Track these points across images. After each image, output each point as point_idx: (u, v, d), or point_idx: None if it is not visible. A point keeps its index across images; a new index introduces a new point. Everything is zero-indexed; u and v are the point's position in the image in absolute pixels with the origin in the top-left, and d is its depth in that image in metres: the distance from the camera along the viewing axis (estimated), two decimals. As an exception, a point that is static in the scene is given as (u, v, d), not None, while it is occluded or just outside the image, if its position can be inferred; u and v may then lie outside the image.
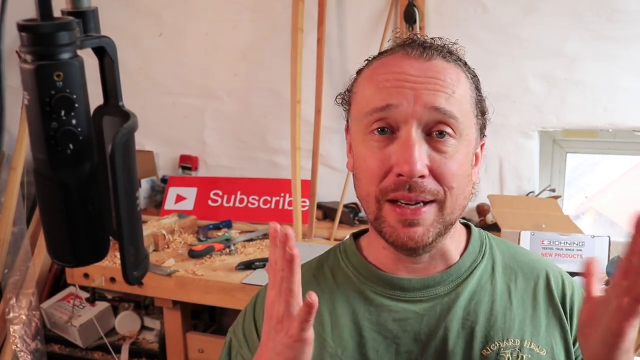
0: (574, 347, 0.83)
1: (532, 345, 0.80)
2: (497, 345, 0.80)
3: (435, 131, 0.75)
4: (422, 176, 0.73)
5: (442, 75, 0.76)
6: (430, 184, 0.74)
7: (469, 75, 0.80)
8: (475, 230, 0.90)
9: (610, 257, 1.52)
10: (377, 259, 0.86)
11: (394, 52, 0.80)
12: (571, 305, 0.84)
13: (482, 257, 0.86)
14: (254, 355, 0.77)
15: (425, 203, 0.75)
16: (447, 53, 0.79)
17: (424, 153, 0.74)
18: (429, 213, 0.75)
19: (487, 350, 0.79)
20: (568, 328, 0.82)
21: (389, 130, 0.76)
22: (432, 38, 0.81)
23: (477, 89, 0.81)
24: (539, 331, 0.81)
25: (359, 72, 0.84)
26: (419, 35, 0.83)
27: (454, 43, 0.82)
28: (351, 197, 2.18)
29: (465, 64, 0.82)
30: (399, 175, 0.73)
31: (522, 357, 0.79)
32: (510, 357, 0.79)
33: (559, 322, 0.83)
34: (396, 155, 0.74)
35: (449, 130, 0.75)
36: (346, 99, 0.85)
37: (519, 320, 0.82)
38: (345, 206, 2.17)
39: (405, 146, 0.73)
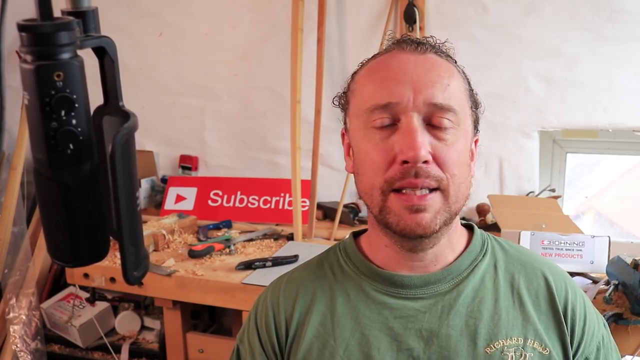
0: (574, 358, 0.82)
1: (535, 344, 0.80)
2: (501, 343, 0.80)
3: (436, 120, 0.77)
4: (426, 162, 0.75)
5: (437, 67, 0.79)
6: (434, 170, 0.76)
7: (459, 70, 0.84)
8: (477, 230, 0.91)
9: (610, 257, 1.51)
10: (378, 257, 0.87)
11: (389, 50, 0.83)
12: (572, 313, 0.84)
13: (484, 256, 0.87)
14: None
15: (430, 191, 0.76)
16: (439, 49, 0.83)
17: (426, 140, 0.76)
18: (434, 200, 0.77)
19: (491, 348, 0.80)
20: (567, 334, 0.82)
21: (389, 122, 0.77)
22: (423, 37, 0.86)
23: (469, 83, 0.85)
24: (542, 330, 0.81)
25: (355, 73, 0.87)
26: (410, 35, 0.87)
27: (444, 43, 0.85)
28: (351, 197, 2.19)
29: (455, 62, 0.85)
30: (404, 162, 0.75)
31: (525, 355, 0.79)
32: (514, 356, 0.79)
33: (558, 327, 0.82)
34: (399, 144, 0.75)
35: (448, 119, 0.77)
36: (344, 99, 0.87)
37: (522, 319, 0.82)
38: (345, 206, 2.17)
39: (408, 133, 0.75)
